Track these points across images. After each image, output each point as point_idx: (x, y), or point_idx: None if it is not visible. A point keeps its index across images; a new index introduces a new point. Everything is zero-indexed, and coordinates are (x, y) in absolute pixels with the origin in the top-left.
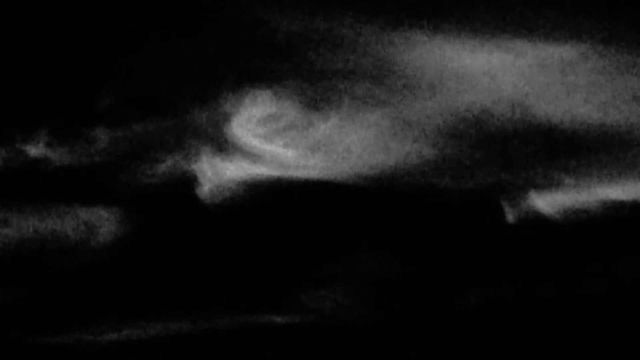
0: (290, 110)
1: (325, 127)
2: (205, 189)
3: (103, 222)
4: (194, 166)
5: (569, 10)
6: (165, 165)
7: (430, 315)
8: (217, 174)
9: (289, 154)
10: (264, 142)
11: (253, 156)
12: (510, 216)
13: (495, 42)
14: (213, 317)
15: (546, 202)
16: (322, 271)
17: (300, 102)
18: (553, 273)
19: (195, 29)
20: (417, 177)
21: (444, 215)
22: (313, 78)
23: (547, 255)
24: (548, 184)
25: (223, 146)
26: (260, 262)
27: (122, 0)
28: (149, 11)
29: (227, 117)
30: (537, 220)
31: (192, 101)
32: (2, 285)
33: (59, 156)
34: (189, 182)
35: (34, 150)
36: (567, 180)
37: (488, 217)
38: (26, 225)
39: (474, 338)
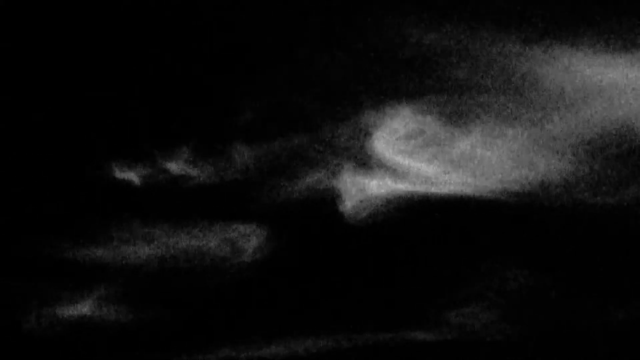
0: (432, 126)
1: (467, 142)
2: (347, 205)
3: (246, 239)
4: (336, 182)
5: None
6: (307, 182)
7: (575, 332)
8: (359, 190)
9: (431, 169)
10: (405, 157)
11: (395, 172)
12: None
13: (638, 56)
14: (357, 334)
15: None
16: (467, 288)
17: (442, 118)
18: None
19: (337, 45)
20: (559, 193)
21: (588, 230)
22: (455, 93)
23: None
24: None
25: (365, 162)
26: (405, 278)
27: (262, 19)
28: (290, 28)
29: (368, 133)
30: None
31: (334, 117)
32: (146, 302)
33: (200, 173)
34: (331, 198)
35: (175, 167)
36: None
37: (632, 232)
38: (170, 242)
39: (621, 355)
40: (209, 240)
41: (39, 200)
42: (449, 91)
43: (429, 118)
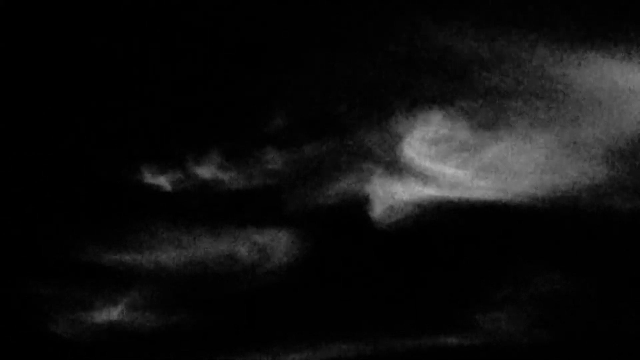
0: (462, 131)
1: (498, 148)
2: (377, 210)
3: (276, 244)
4: (366, 187)
5: None
6: (337, 187)
7: (606, 337)
8: (389, 195)
9: (461, 175)
10: (435, 163)
11: (425, 177)
12: None
13: None
14: (387, 340)
15: None
16: (497, 293)
17: (473, 123)
18: None
19: (368, 50)
20: (589, 198)
21: (618, 235)
22: (485, 99)
23: None
24: None
25: (395, 167)
26: (434, 283)
27: (293, 22)
28: (321, 33)
29: (399, 138)
30: None
31: (364, 122)
32: (176, 308)
33: (230, 178)
34: (361, 203)
35: (206, 172)
36: None
37: None
38: (200, 247)
39: None
40: (239, 246)
41: (69, 204)
42: (479, 97)
43: (459, 123)
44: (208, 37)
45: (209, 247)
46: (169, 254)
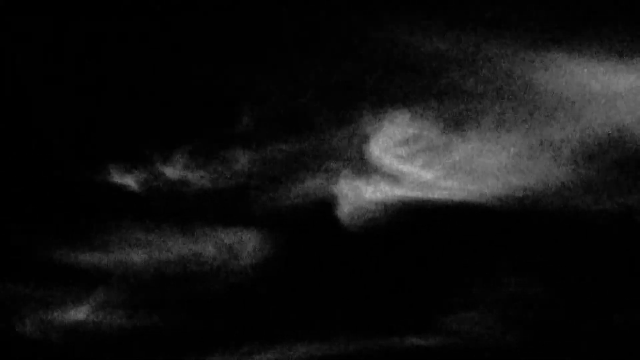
0: (430, 131)
1: (465, 148)
2: (344, 210)
3: (244, 244)
4: (333, 187)
5: None
6: (305, 187)
7: (573, 337)
8: (356, 195)
9: (428, 175)
10: (403, 163)
11: (392, 177)
12: None
13: (637, 63)
14: (353, 340)
15: None
16: (464, 294)
17: (440, 123)
18: None
19: (335, 51)
20: (556, 198)
21: (585, 236)
22: (453, 99)
23: None
24: None
25: (362, 167)
26: (401, 284)
27: (260, 23)
28: (289, 33)
29: (366, 139)
30: None
31: (332, 122)
32: (143, 307)
33: (197, 178)
34: (328, 203)
35: (173, 172)
36: None
37: (630, 238)
38: (167, 247)
39: (619, 359)
40: (206, 246)
41: (35, 204)
42: (447, 97)
43: (426, 124)
44: (174, 37)
45: (176, 246)
46: (136, 253)
